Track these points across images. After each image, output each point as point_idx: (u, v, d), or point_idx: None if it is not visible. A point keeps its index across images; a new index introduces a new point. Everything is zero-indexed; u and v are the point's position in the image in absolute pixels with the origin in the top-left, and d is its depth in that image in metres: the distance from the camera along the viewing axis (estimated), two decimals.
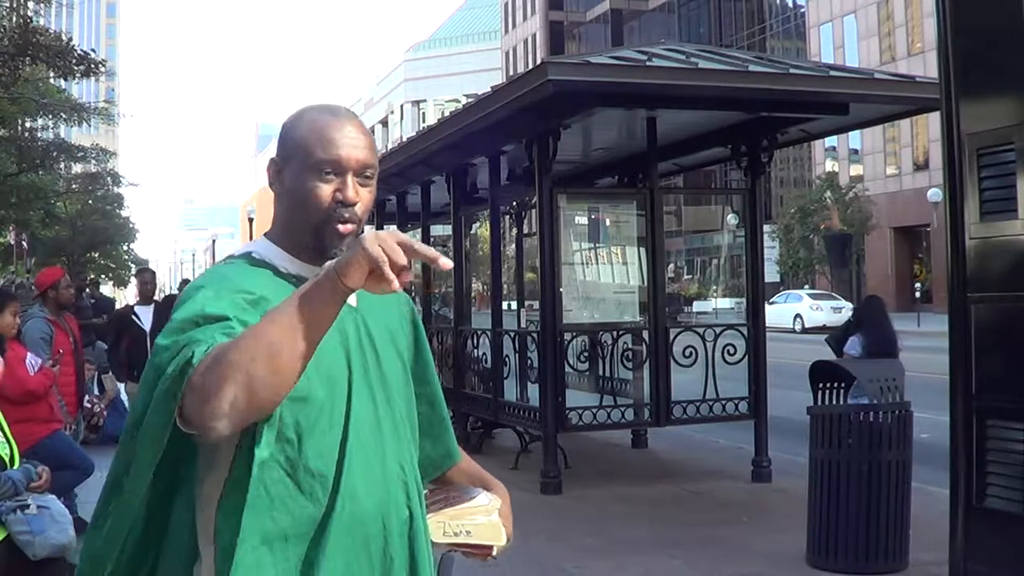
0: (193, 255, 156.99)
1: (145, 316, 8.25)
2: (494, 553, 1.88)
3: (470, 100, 8.89)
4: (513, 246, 11.69)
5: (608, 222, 9.31)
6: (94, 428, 8.08)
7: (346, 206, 1.64)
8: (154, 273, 9.37)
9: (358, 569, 1.61)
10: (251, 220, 45.60)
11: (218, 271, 1.71)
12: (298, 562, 1.57)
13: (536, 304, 8.58)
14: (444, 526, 1.82)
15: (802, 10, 50.68)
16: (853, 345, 7.23)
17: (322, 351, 1.50)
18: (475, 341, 9.95)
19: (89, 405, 7.89)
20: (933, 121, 18.33)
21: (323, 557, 1.57)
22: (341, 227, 1.64)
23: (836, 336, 7.80)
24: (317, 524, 1.58)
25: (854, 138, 42.97)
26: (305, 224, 1.66)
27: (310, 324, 1.42)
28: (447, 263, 1.45)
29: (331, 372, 1.62)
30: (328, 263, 1.48)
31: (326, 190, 1.63)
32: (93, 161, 36.51)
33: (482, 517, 1.87)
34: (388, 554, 1.65)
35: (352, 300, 1.63)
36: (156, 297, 9.03)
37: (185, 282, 16.61)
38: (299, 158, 1.65)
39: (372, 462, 1.64)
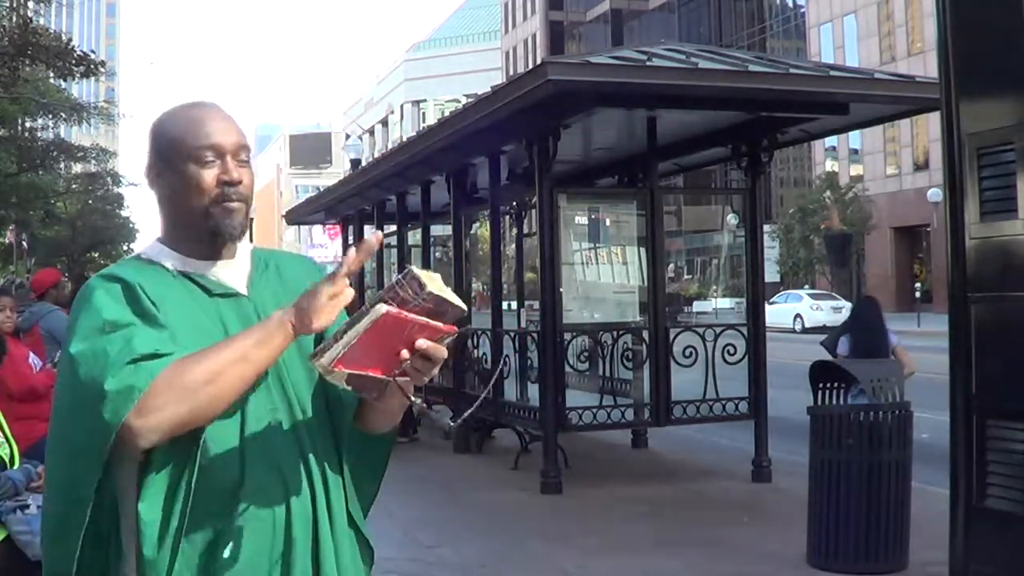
0: None
1: None
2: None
3: (470, 100, 8.89)
4: (513, 246, 11.70)
5: (608, 222, 9.31)
6: None
7: (232, 186, 1.71)
8: None
9: (262, 548, 1.64)
10: (251, 220, 45.55)
11: (110, 272, 1.73)
12: (205, 543, 1.62)
13: (536, 304, 8.58)
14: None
15: (802, 10, 50.68)
16: (843, 345, 7.23)
17: (206, 343, 1.62)
18: (475, 341, 9.95)
19: None
20: (933, 121, 18.32)
21: (231, 538, 1.62)
22: (229, 204, 1.71)
23: (831, 339, 7.80)
24: (227, 513, 1.62)
25: (854, 138, 42.95)
26: (195, 212, 1.71)
27: (256, 360, 1.59)
28: (371, 241, 1.65)
29: None
30: (278, 312, 1.62)
31: (210, 175, 1.70)
32: (93, 161, 36.55)
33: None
34: (290, 535, 1.67)
35: (242, 288, 1.76)
36: None
37: None
38: (177, 152, 1.71)
39: (267, 452, 1.67)
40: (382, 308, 1.52)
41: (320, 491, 1.72)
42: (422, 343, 1.57)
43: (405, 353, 1.57)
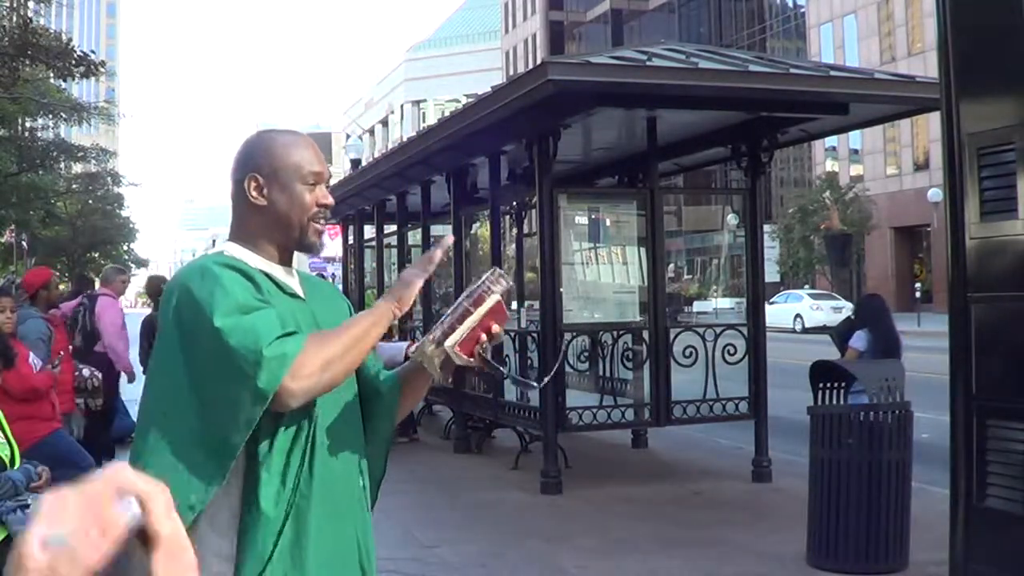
0: (193, 254, 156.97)
1: None
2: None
3: (470, 100, 8.88)
4: (513, 246, 11.69)
5: (608, 222, 9.31)
6: (92, 393, 7.67)
7: (326, 208, 2.06)
8: (161, 278, 9.26)
9: (334, 517, 1.94)
10: None
11: (224, 261, 1.96)
12: (297, 513, 1.89)
13: (536, 304, 8.58)
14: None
15: (802, 10, 50.66)
16: (859, 339, 7.11)
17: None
18: None
19: (87, 374, 7.56)
20: (933, 121, 18.32)
21: (308, 507, 1.90)
22: (319, 225, 2.05)
23: (839, 331, 7.73)
24: (299, 479, 1.89)
25: (854, 138, 42.95)
26: (293, 226, 2.02)
27: (374, 337, 1.94)
28: (448, 241, 2.12)
29: None
30: (382, 301, 1.97)
31: (311, 197, 2.03)
32: (93, 161, 36.56)
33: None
34: (357, 503, 2.03)
35: (301, 293, 2.06)
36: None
37: None
38: (288, 172, 2.01)
39: (330, 433, 1.97)
40: (496, 296, 1.91)
41: (362, 456, 2.07)
42: (496, 327, 1.95)
43: (484, 336, 1.94)
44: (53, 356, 6.36)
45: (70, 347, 7.30)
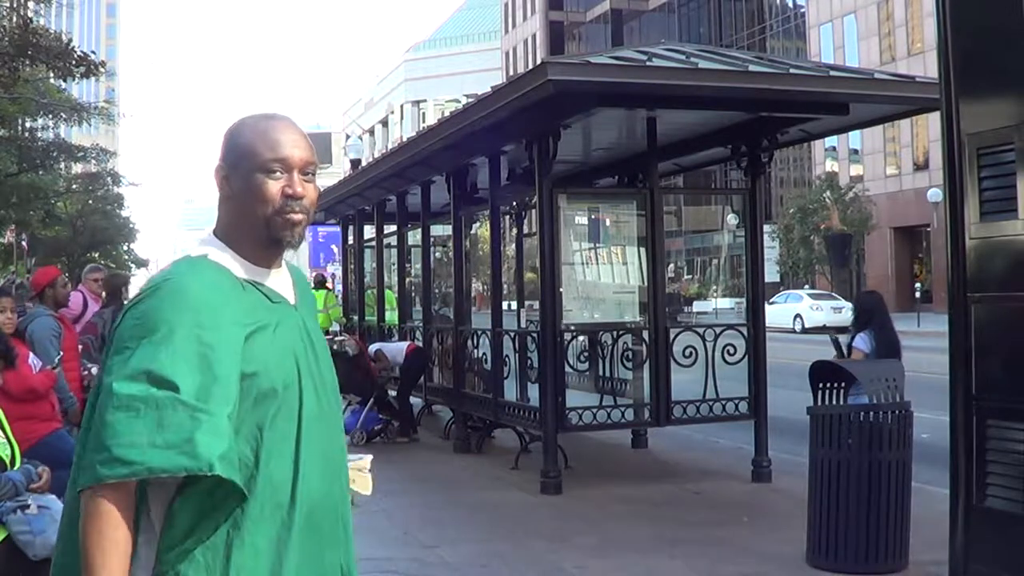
0: None
1: None
2: (355, 501, 2.06)
3: (470, 100, 8.88)
4: (513, 246, 11.69)
5: (608, 222, 9.30)
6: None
7: (295, 199, 1.82)
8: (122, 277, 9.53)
9: (317, 543, 1.83)
10: None
11: (183, 290, 1.74)
12: (267, 541, 1.75)
13: (536, 304, 8.58)
14: None
15: (802, 10, 50.67)
16: (862, 341, 7.04)
17: (278, 352, 1.78)
18: (475, 341, 9.95)
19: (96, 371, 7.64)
20: (933, 121, 18.30)
21: (289, 536, 1.77)
22: (291, 216, 1.82)
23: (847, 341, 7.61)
24: (281, 507, 1.77)
25: (854, 138, 42.96)
26: (258, 220, 1.82)
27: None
28: None
29: (284, 371, 1.81)
30: None
31: (275, 186, 1.81)
32: (93, 161, 36.58)
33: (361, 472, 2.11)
34: (341, 526, 1.91)
35: (291, 298, 1.90)
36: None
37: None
38: (247, 161, 1.82)
39: (316, 450, 1.84)
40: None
41: (346, 480, 1.97)
42: None
43: None
44: (67, 355, 6.38)
45: (78, 346, 7.31)
